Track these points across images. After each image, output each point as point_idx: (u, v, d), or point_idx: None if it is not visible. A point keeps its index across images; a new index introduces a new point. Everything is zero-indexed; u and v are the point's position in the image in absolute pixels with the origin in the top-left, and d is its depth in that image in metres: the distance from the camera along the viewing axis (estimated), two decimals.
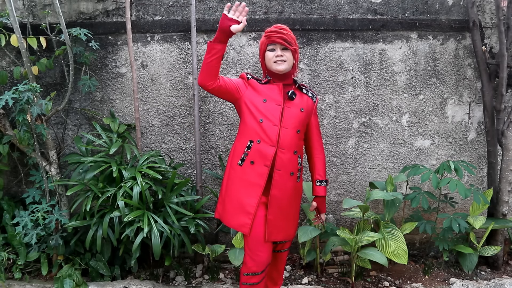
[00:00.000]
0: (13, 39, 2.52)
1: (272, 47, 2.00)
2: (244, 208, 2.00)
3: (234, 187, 2.04)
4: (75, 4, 2.77)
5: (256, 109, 1.99)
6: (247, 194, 2.00)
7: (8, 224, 2.72)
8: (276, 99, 2.02)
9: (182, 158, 2.99)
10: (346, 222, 3.15)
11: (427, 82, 3.00)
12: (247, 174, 2.00)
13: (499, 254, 2.93)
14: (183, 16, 2.82)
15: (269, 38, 1.99)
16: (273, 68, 2.01)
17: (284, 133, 2.00)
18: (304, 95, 2.12)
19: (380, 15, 2.90)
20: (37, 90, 2.40)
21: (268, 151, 1.97)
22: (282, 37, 1.96)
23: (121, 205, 2.43)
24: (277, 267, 2.29)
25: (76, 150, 2.88)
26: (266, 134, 1.97)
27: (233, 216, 2.04)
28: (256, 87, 2.04)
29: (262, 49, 2.05)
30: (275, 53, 1.99)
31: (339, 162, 3.06)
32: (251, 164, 1.99)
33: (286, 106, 2.02)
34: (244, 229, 2.00)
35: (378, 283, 2.80)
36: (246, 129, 2.02)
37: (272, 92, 2.03)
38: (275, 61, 1.99)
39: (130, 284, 2.58)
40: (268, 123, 1.98)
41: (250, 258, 2.03)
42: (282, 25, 2.00)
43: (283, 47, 1.99)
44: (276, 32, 1.97)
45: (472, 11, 2.80)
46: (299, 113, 2.05)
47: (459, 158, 3.11)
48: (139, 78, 2.87)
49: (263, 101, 2.00)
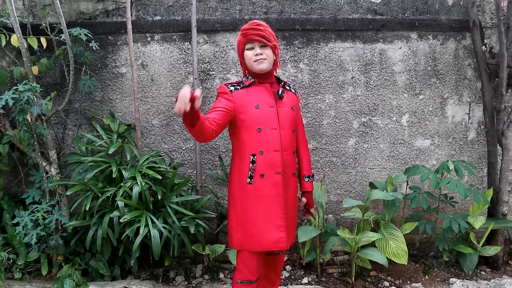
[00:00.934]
0: (14, 39, 2.52)
1: (251, 46, 1.89)
2: (272, 222, 1.88)
3: (251, 208, 1.89)
4: (75, 4, 2.77)
5: (252, 119, 1.88)
6: (270, 208, 1.88)
7: (8, 224, 2.72)
8: (268, 102, 1.92)
9: (182, 158, 2.99)
10: (346, 222, 3.15)
11: (427, 82, 3.00)
12: (261, 189, 1.88)
13: (499, 254, 2.93)
14: (183, 16, 2.82)
15: (246, 37, 1.87)
16: (254, 68, 1.90)
17: (283, 134, 1.93)
18: (289, 92, 2.05)
19: (380, 15, 2.90)
20: (37, 90, 2.40)
21: (275, 157, 1.89)
22: (259, 33, 1.85)
23: (121, 205, 2.43)
24: (276, 269, 2.23)
25: (76, 150, 2.88)
26: (268, 141, 1.88)
27: (263, 237, 1.88)
28: (243, 97, 1.91)
29: (240, 48, 1.93)
30: (254, 52, 1.88)
31: (339, 162, 3.06)
32: (261, 177, 1.88)
33: (279, 106, 1.94)
34: (281, 244, 1.88)
35: (378, 283, 2.80)
36: (244, 144, 1.90)
37: (261, 94, 1.93)
38: (255, 60, 1.88)
39: (130, 284, 2.58)
40: (267, 129, 1.89)
41: (245, 266, 1.95)
42: (258, 21, 1.89)
43: (262, 44, 1.88)
44: (253, 29, 1.85)
45: (472, 11, 2.80)
46: (291, 112, 1.99)
47: (459, 158, 3.11)
48: (139, 78, 2.87)
49: (256, 107, 1.89)
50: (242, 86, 1.94)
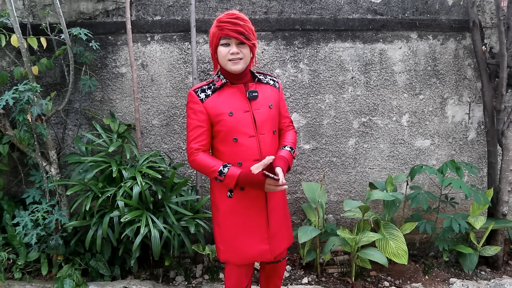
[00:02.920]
0: (14, 39, 2.52)
1: (226, 42, 1.66)
2: (255, 236, 1.81)
3: (234, 221, 1.81)
4: (75, 4, 2.77)
5: (226, 129, 1.71)
6: (251, 221, 1.80)
7: (8, 224, 2.72)
8: (242, 106, 1.73)
9: (182, 158, 2.99)
10: (346, 222, 3.15)
11: (427, 82, 3.00)
12: (242, 201, 1.78)
13: (499, 254, 2.93)
14: (183, 16, 2.82)
15: (222, 30, 1.63)
16: (228, 68, 1.70)
17: (262, 140, 1.76)
18: (266, 86, 1.83)
19: (380, 15, 2.90)
20: (37, 90, 2.40)
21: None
22: (238, 30, 1.62)
23: (121, 205, 2.43)
24: (279, 274, 2.15)
25: (76, 150, 2.88)
26: (246, 151, 1.73)
27: (246, 251, 1.82)
28: (215, 105, 1.72)
29: (214, 42, 1.69)
30: (229, 50, 1.66)
31: (339, 162, 3.06)
32: (241, 190, 1.76)
33: (254, 109, 1.75)
34: (266, 256, 1.83)
35: (378, 283, 2.79)
36: (222, 156, 1.77)
37: (234, 98, 1.74)
38: (230, 59, 1.67)
39: (130, 284, 2.58)
40: (244, 137, 1.72)
41: (231, 278, 1.92)
42: (237, 13, 1.64)
43: (239, 41, 1.66)
44: (231, 23, 1.62)
45: (472, 11, 2.80)
46: (270, 111, 1.79)
47: (459, 158, 3.11)
48: (139, 78, 2.87)
49: (229, 114, 1.70)
50: (213, 89, 1.76)
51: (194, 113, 1.74)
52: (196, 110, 1.73)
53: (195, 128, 1.74)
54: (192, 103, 1.74)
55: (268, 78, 1.89)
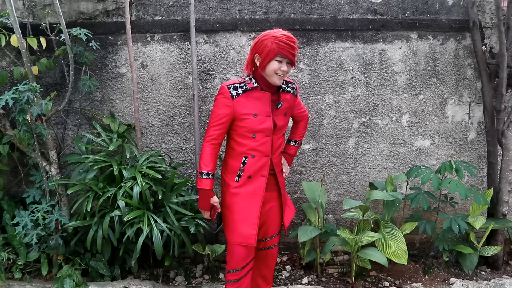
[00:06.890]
0: (13, 39, 2.51)
1: (280, 59, 1.90)
2: (248, 220, 2.03)
3: (235, 204, 2.05)
4: (75, 4, 2.77)
5: (249, 127, 1.97)
6: (249, 206, 2.03)
7: (8, 224, 2.72)
8: (266, 111, 1.99)
9: (182, 158, 2.99)
10: (346, 222, 3.15)
11: (427, 82, 3.00)
12: (245, 188, 2.04)
13: (499, 254, 2.93)
14: (183, 16, 2.82)
15: (282, 50, 1.88)
16: (272, 80, 1.95)
17: (275, 140, 2.05)
18: (287, 95, 2.09)
19: (380, 15, 2.90)
20: (37, 90, 2.40)
21: (264, 162, 2.03)
22: (294, 53, 1.91)
23: (122, 205, 2.43)
24: (267, 264, 2.28)
25: (76, 150, 2.88)
26: (260, 147, 2.00)
27: (238, 231, 2.04)
28: (243, 105, 1.97)
29: (269, 56, 1.90)
30: (281, 67, 1.91)
31: (339, 162, 3.06)
32: (248, 178, 2.03)
33: (275, 115, 2.02)
34: (251, 240, 2.02)
35: (378, 283, 2.80)
36: (239, 146, 2.02)
37: (261, 102, 1.99)
38: (277, 74, 1.92)
39: (130, 284, 2.58)
40: (261, 135, 1.99)
41: (231, 256, 2.10)
42: (293, 37, 1.91)
43: (289, 61, 1.93)
44: (290, 46, 1.88)
45: (472, 11, 2.80)
46: (285, 118, 2.09)
47: (459, 158, 3.11)
48: (139, 78, 2.87)
49: (254, 116, 1.97)
50: (244, 90, 1.98)
51: (222, 105, 1.97)
52: (225, 103, 1.97)
53: (218, 117, 1.98)
54: (223, 97, 1.97)
55: (289, 85, 2.12)
